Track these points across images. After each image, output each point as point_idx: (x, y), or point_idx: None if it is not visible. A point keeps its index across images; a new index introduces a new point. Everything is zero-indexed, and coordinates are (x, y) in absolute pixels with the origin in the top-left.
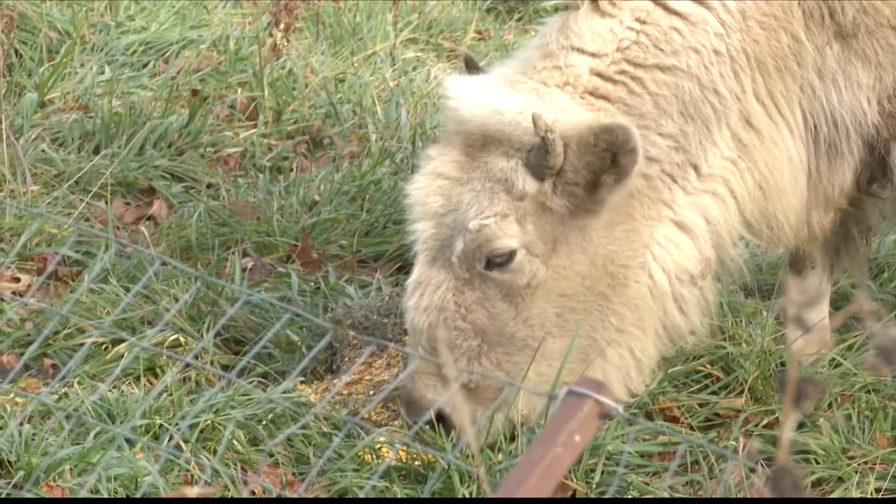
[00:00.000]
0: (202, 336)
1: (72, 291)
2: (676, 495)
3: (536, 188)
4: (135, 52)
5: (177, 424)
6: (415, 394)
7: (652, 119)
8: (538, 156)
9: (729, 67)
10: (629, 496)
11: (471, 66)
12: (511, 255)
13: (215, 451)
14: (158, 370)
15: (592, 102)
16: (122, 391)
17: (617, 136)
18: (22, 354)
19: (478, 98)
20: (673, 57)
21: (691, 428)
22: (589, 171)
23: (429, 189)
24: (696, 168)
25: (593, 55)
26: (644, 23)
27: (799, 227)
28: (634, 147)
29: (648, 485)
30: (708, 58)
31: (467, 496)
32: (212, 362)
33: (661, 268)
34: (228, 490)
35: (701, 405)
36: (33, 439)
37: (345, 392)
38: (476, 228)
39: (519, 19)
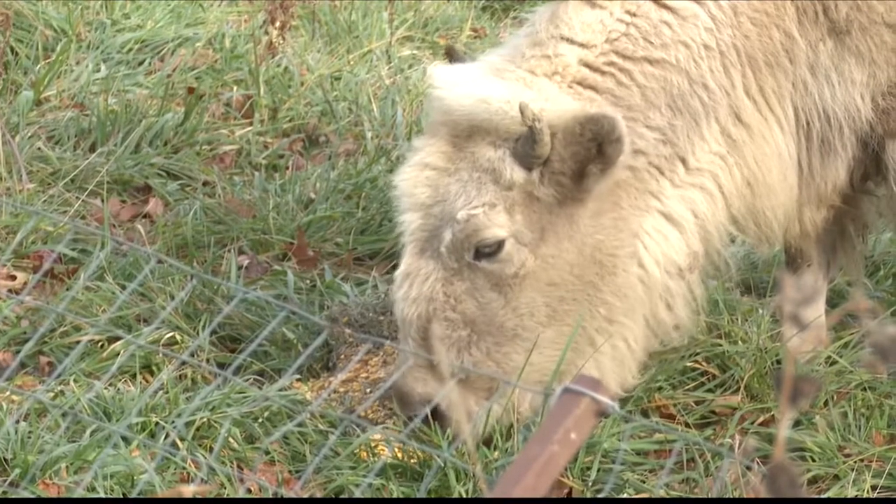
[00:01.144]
0: (198, 334)
1: (68, 289)
2: (672, 493)
3: (524, 177)
4: (130, 49)
5: (173, 422)
6: (405, 387)
7: (639, 111)
8: (525, 145)
9: (719, 62)
10: (625, 494)
11: (454, 58)
12: (499, 244)
13: (211, 449)
14: (154, 368)
15: (580, 92)
16: (118, 389)
17: (602, 125)
18: (18, 352)
19: (464, 87)
20: (662, 50)
21: (687, 425)
22: (575, 161)
23: (416, 180)
24: (683, 161)
25: (582, 45)
26: (634, 15)
27: (789, 224)
28: (620, 137)
29: (644, 482)
30: (697, 52)
31: (463, 494)
32: (208, 360)
33: (652, 258)
34: (224, 488)
35: (697, 403)
36: (29, 437)
37: (341, 390)
38: (464, 219)
39: (514, 17)
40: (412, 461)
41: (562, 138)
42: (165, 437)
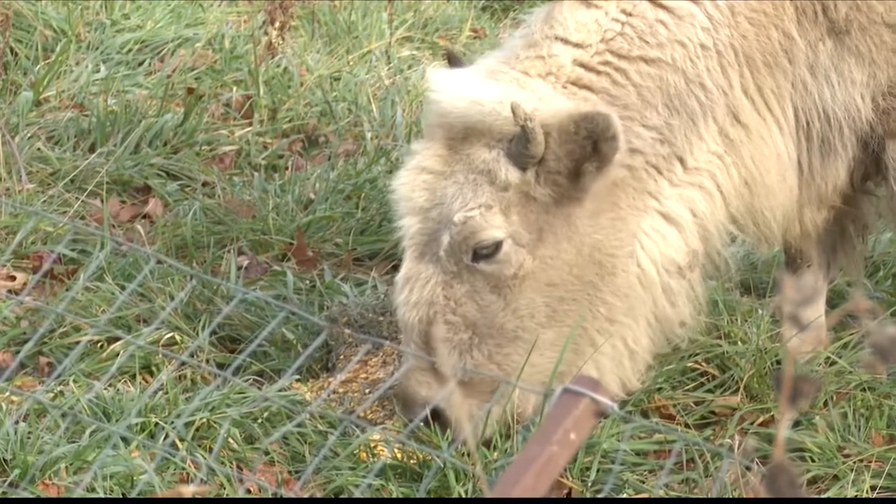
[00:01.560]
0: (198, 334)
1: (67, 290)
2: (672, 493)
3: (519, 178)
4: (130, 50)
5: (172, 423)
6: (408, 391)
7: (636, 110)
8: (519, 145)
9: (716, 62)
10: (625, 494)
11: (453, 62)
12: (497, 246)
13: (211, 450)
14: (154, 368)
15: (575, 92)
16: (118, 389)
17: (597, 123)
18: (17, 352)
19: (459, 90)
20: (658, 49)
21: (687, 426)
22: (570, 160)
23: (413, 184)
24: (681, 161)
25: (577, 45)
26: (630, 14)
27: (789, 224)
28: (615, 134)
29: (644, 483)
30: (694, 52)
31: (463, 495)
32: (207, 360)
33: (648, 257)
34: (224, 488)
35: (697, 403)
36: (29, 437)
37: (340, 390)
38: (461, 221)
39: (514, 18)
40: (412, 462)
41: (556, 137)
42: (165, 438)
